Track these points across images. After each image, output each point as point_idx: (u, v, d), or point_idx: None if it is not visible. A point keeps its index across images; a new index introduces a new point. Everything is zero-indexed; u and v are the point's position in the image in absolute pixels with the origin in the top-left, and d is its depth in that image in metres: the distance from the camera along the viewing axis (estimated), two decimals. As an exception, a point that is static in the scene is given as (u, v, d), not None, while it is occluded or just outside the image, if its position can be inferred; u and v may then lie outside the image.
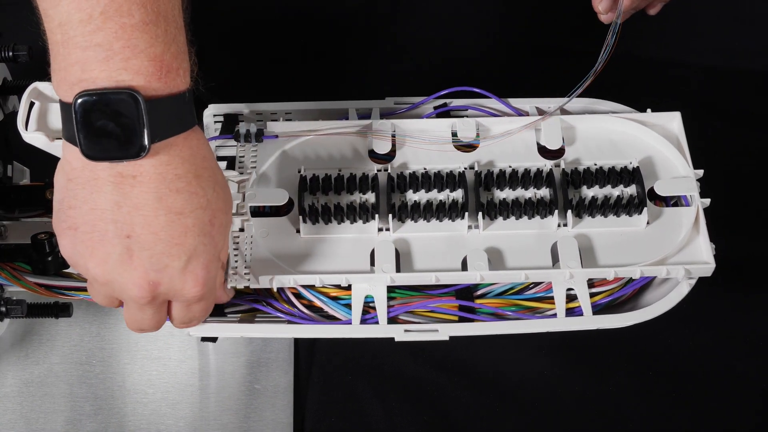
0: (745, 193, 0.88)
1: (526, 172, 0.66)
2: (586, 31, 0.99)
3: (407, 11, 1.01)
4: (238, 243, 0.64)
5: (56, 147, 0.57)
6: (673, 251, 0.64)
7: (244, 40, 0.99)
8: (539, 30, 1.00)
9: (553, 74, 0.96)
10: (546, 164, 0.67)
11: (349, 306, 0.64)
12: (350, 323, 0.64)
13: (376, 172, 0.67)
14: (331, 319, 0.65)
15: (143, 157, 0.50)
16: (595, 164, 0.67)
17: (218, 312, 0.67)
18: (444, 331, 0.64)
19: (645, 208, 0.64)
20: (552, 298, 0.65)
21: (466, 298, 0.65)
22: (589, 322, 0.64)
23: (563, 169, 0.66)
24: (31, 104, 0.58)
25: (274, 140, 0.69)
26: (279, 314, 0.65)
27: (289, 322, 0.65)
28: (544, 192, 0.66)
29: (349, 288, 0.65)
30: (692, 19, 0.96)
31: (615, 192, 0.66)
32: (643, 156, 0.67)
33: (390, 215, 0.64)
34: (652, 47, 0.97)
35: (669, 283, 0.65)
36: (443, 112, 0.71)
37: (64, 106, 0.50)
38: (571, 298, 0.65)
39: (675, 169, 0.67)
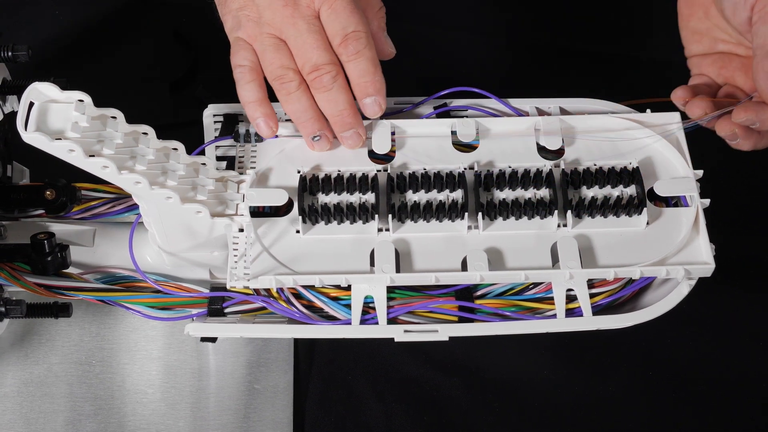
0: (744, 193, 0.88)
1: (526, 172, 0.66)
2: (586, 30, 1.00)
3: (406, 11, 1.01)
4: (237, 243, 0.64)
5: (56, 147, 0.57)
6: (672, 251, 0.63)
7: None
8: (539, 30, 1.00)
9: (553, 74, 0.96)
10: (546, 164, 0.67)
11: (348, 306, 0.64)
12: (350, 323, 0.64)
13: (375, 172, 0.67)
14: (331, 319, 0.65)
15: None
16: (595, 164, 0.67)
17: (219, 312, 0.67)
18: (444, 332, 0.64)
19: (645, 209, 0.64)
20: (552, 298, 0.64)
21: (465, 299, 0.65)
22: (589, 322, 0.64)
23: (563, 170, 0.66)
24: (31, 104, 0.58)
25: (273, 140, 0.69)
26: (288, 314, 0.65)
27: (291, 321, 0.65)
28: (544, 192, 0.66)
29: (348, 288, 0.65)
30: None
31: (615, 192, 0.66)
32: (643, 156, 0.67)
33: (390, 215, 0.64)
34: (652, 47, 0.97)
35: (669, 284, 0.65)
36: (443, 113, 0.71)
37: None
38: (571, 298, 0.64)
39: (674, 169, 0.67)
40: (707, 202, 0.65)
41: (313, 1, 0.64)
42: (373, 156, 0.68)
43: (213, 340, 0.68)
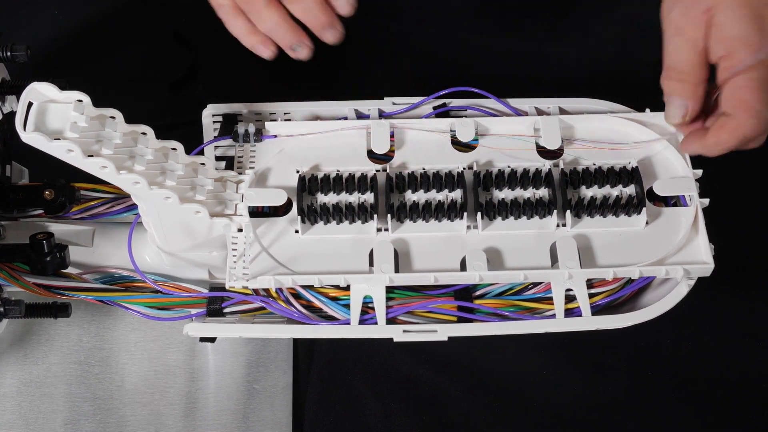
0: (744, 192, 0.88)
1: (525, 172, 0.66)
2: (585, 30, 1.00)
3: (406, 11, 1.01)
4: (236, 243, 0.64)
5: (54, 147, 0.57)
6: (672, 251, 0.63)
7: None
8: (538, 30, 1.00)
9: (553, 74, 0.96)
10: (545, 164, 0.67)
11: (348, 306, 0.64)
12: (349, 323, 0.64)
13: (374, 172, 0.67)
14: (330, 319, 0.65)
15: None
16: (594, 164, 0.67)
17: (218, 312, 0.67)
18: (443, 332, 0.64)
19: (644, 208, 0.64)
20: (551, 298, 0.64)
21: (464, 299, 0.65)
22: (588, 322, 0.64)
23: (562, 169, 0.66)
24: (30, 104, 0.58)
25: (272, 140, 0.69)
26: (287, 314, 0.65)
27: (290, 321, 0.65)
28: (543, 192, 0.66)
29: (348, 288, 0.65)
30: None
31: (614, 192, 0.66)
32: (642, 156, 0.67)
33: (389, 215, 0.64)
34: (652, 47, 0.97)
35: (668, 284, 0.65)
36: (442, 112, 0.71)
37: None
38: (570, 298, 0.64)
39: (674, 168, 0.67)
40: (706, 201, 0.65)
41: None
42: (372, 156, 0.68)
43: (212, 340, 0.68)
